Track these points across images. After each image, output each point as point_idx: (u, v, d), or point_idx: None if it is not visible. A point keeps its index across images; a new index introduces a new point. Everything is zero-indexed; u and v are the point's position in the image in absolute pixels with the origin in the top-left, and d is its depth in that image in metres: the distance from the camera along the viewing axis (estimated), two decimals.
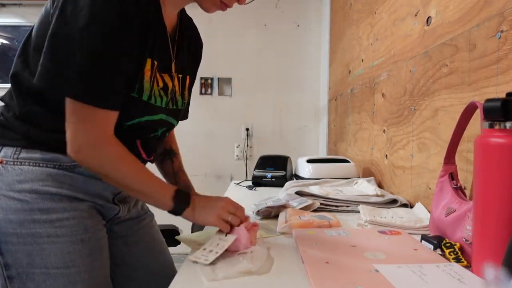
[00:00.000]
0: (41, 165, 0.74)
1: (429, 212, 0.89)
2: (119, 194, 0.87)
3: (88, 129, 0.69)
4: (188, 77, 0.94)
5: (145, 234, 0.99)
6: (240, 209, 0.80)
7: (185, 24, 0.93)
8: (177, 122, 0.94)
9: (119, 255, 0.94)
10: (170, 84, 0.84)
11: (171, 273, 0.97)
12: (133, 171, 0.74)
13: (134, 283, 0.97)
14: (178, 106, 0.90)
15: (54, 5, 0.67)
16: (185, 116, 1.05)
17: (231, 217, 0.76)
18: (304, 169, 1.60)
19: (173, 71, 0.85)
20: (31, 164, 0.73)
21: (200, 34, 1.04)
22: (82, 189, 0.78)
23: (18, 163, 0.73)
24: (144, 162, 0.92)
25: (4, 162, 0.73)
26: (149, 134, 0.86)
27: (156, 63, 0.78)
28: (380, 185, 1.43)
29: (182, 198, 0.77)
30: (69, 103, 0.68)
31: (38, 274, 0.72)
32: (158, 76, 0.80)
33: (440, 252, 0.68)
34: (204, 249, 0.70)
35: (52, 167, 0.74)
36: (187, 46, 0.92)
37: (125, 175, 0.74)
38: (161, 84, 0.81)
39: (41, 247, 0.71)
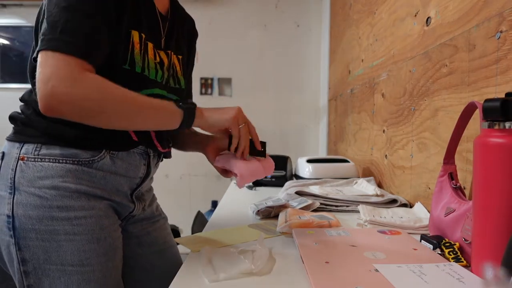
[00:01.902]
0: (60, 161, 0.75)
1: (429, 212, 0.89)
2: (137, 190, 0.88)
3: (57, 70, 0.62)
4: (186, 59, 0.97)
5: (158, 237, 1.00)
6: (248, 122, 0.82)
7: (179, 11, 0.97)
8: None
9: (131, 256, 0.94)
10: (166, 60, 0.86)
11: None
12: (124, 93, 0.68)
13: (144, 285, 0.97)
14: (181, 86, 0.93)
15: None
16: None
17: (242, 126, 0.80)
18: (304, 169, 1.60)
19: (162, 47, 0.87)
20: (51, 160, 0.74)
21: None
22: (100, 185, 0.79)
23: (39, 159, 0.74)
24: (160, 154, 0.93)
25: (26, 158, 0.74)
26: None
27: (144, 35, 0.79)
28: (380, 185, 1.43)
29: (187, 107, 0.76)
30: (39, 58, 0.64)
31: (54, 270, 0.73)
32: (152, 50, 0.82)
33: (439, 252, 0.69)
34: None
35: (71, 163, 0.75)
36: (181, 30, 0.95)
37: (119, 100, 0.67)
38: (157, 59, 0.83)
39: (59, 244, 0.73)
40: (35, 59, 0.67)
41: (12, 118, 0.80)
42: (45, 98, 0.62)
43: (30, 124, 0.77)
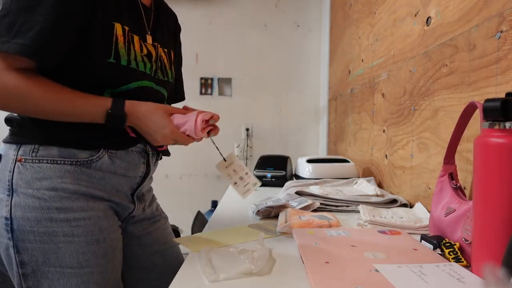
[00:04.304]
0: (58, 162, 0.74)
1: (429, 212, 0.89)
2: (137, 190, 0.88)
3: None
4: (172, 52, 0.97)
5: (159, 237, 0.99)
6: (181, 139, 0.82)
7: (162, 4, 0.97)
8: (167, 95, 0.95)
9: (132, 256, 0.94)
10: (153, 53, 0.86)
11: None
12: (47, 94, 0.70)
13: (146, 285, 0.97)
14: (169, 78, 0.93)
15: None
16: (182, 97, 1.08)
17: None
18: (304, 169, 1.60)
19: (149, 41, 0.87)
20: (49, 161, 0.74)
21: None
22: (99, 185, 0.79)
23: (37, 160, 0.74)
24: (158, 153, 0.93)
25: (23, 160, 0.74)
26: None
27: (127, 28, 0.79)
28: (380, 185, 1.43)
29: (115, 120, 0.75)
30: None
31: (53, 272, 0.72)
32: (139, 42, 0.82)
33: (439, 252, 0.69)
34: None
35: (69, 164, 0.75)
36: (165, 23, 0.95)
37: (38, 100, 0.70)
38: (145, 51, 0.83)
39: (57, 246, 0.72)
40: None
41: (8, 120, 0.79)
42: None
43: (26, 126, 0.76)
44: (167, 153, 0.97)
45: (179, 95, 1.07)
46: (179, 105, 1.09)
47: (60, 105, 0.72)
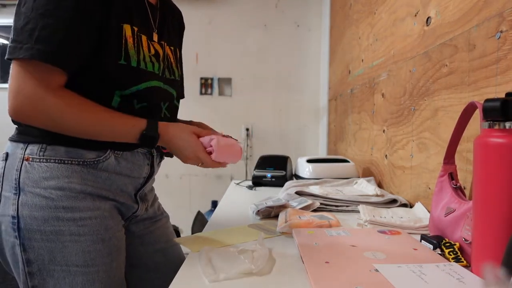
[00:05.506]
0: (66, 162, 0.75)
1: (429, 212, 0.89)
2: (141, 190, 0.89)
3: (28, 82, 0.68)
4: (178, 50, 0.98)
5: (161, 235, 1.00)
6: (205, 157, 0.81)
7: (168, 2, 0.98)
8: (176, 94, 0.95)
9: (135, 255, 0.94)
10: (160, 52, 0.87)
11: None
12: (86, 116, 0.73)
13: (148, 283, 0.97)
14: (175, 77, 0.94)
15: None
16: (182, 95, 1.08)
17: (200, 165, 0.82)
18: (304, 169, 1.60)
19: (155, 39, 0.87)
20: (56, 161, 0.75)
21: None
22: (104, 185, 0.79)
23: (44, 160, 0.74)
24: (161, 154, 0.94)
25: (30, 159, 0.74)
26: (157, 113, 0.87)
27: (136, 29, 0.79)
28: (380, 185, 1.43)
29: (148, 141, 0.77)
30: (13, 66, 0.68)
31: (59, 271, 0.73)
32: (146, 42, 0.82)
33: (439, 252, 0.69)
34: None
35: (76, 164, 0.76)
36: (171, 21, 0.96)
37: (77, 122, 0.72)
38: (152, 51, 0.84)
39: (64, 244, 0.73)
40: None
41: None
42: (14, 110, 0.69)
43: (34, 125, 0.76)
44: (170, 155, 0.97)
45: (180, 92, 1.07)
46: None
47: (97, 127, 0.74)
